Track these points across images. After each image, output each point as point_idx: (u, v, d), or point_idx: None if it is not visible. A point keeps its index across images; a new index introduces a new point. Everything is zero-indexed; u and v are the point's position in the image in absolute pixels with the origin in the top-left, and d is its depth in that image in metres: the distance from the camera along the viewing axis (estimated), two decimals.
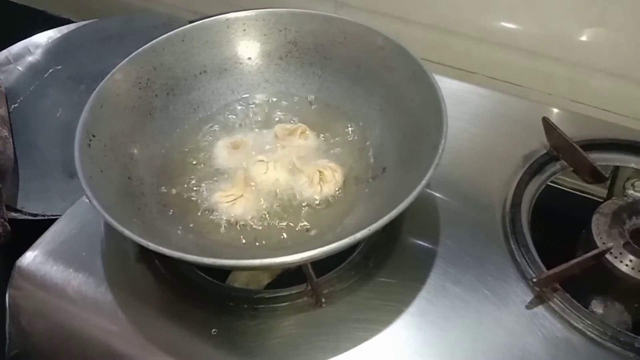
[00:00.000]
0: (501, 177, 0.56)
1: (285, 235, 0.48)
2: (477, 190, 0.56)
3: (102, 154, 0.48)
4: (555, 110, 0.63)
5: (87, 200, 0.54)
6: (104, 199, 0.42)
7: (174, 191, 0.52)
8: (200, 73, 0.58)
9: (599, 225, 0.51)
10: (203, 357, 0.45)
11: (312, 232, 0.49)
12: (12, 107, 0.78)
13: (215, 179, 0.53)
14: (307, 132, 0.55)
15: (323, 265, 0.47)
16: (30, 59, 0.85)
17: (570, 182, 0.60)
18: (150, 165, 0.52)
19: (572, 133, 0.56)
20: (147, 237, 0.39)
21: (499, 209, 0.54)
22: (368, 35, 0.55)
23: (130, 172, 0.49)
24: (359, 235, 0.38)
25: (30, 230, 0.61)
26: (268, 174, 0.51)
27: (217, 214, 0.50)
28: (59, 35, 0.88)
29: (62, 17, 1.02)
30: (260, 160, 0.52)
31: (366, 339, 0.45)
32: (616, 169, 0.59)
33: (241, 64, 0.60)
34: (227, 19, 0.58)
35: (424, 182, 0.41)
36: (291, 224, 0.49)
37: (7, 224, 0.59)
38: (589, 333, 0.45)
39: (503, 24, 0.69)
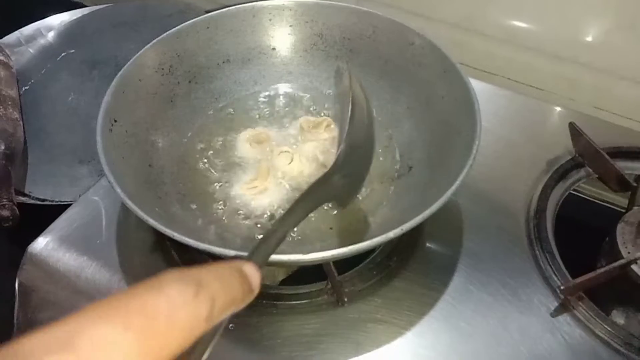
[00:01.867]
0: (525, 182, 0.56)
1: (308, 231, 0.47)
2: (500, 194, 0.55)
3: (124, 140, 0.46)
4: (580, 115, 0.62)
5: (101, 189, 0.54)
6: (126, 186, 0.41)
7: (194, 181, 0.51)
8: (224, 62, 0.57)
9: (624, 234, 0.50)
10: (220, 353, 0.43)
11: (335, 229, 0.47)
12: (23, 89, 0.76)
13: (236, 170, 0.51)
14: (332, 126, 0.54)
15: (340, 263, 0.46)
16: (42, 41, 0.83)
17: (589, 190, 0.60)
18: (171, 153, 0.51)
19: (598, 140, 0.55)
20: (171, 227, 0.38)
21: (523, 214, 0.53)
22: (398, 30, 0.54)
23: (151, 160, 0.48)
24: (391, 234, 0.37)
25: (38, 216, 0.60)
26: (292, 165, 0.50)
27: (239, 204, 0.49)
28: (72, 18, 0.87)
29: (74, 0, 1.00)
30: (285, 151, 0.51)
31: (388, 342, 0.44)
32: (638, 177, 0.58)
33: (265, 54, 0.58)
34: (254, 7, 0.56)
35: (457, 182, 0.40)
36: (314, 220, 0.48)
37: (15, 207, 0.58)
38: (613, 343, 0.44)
39: (529, 25, 0.68)
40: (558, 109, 0.64)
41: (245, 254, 0.36)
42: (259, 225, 0.48)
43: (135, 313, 0.18)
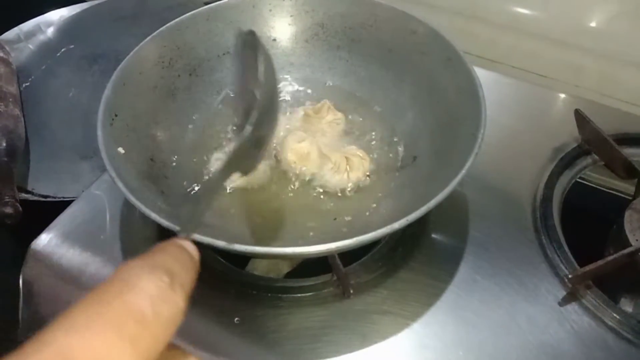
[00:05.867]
0: (531, 170, 0.55)
1: (312, 223, 0.47)
2: (506, 182, 0.54)
3: (125, 134, 0.46)
4: (586, 102, 0.61)
5: (104, 184, 0.54)
6: (128, 180, 0.41)
7: (197, 175, 0.50)
8: (224, 54, 0.56)
9: (632, 222, 0.50)
10: (226, 346, 0.43)
11: (339, 220, 0.47)
12: (24, 85, 0.76)
13: None
14: (332, 107, 0.53)
15: (345, 255, 0.45)
16: (42, 37, 0.83)
17: (596, 177, 0.59)
18: (172, 147, 0.50)
19: (604, 127, 0.55)
20: (174, 222, 0.37)
21: (529, 203, 0.52)
22: (400, 19, 0.53)
23: (153, 154, 0.48)
24: (397, 225, 0.37)
25: (40, 212, 0.60)
26: (302, 145, 0.49)
27: (242, 197, 0.49)
28: (71, 13, 0.86)
29: None
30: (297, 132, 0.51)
31: (394, 333, 0.43)
32: None
33: (266, 45, 0.57)
34: None
35: (463, 171, 0.39)
36: (317, 211, 0.48)
37: (18, 204, 0.58)
38: (622, 332, 0.44)
39: (533, 12, 0.67)
40: (563, 96, 0.63)
41: (249, 247, 0.36)
42: (259, 219, 0.47)
43: (124, 318, 0.18)
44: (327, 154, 0.50)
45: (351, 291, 0.45)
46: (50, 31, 0.84)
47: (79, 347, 0.16)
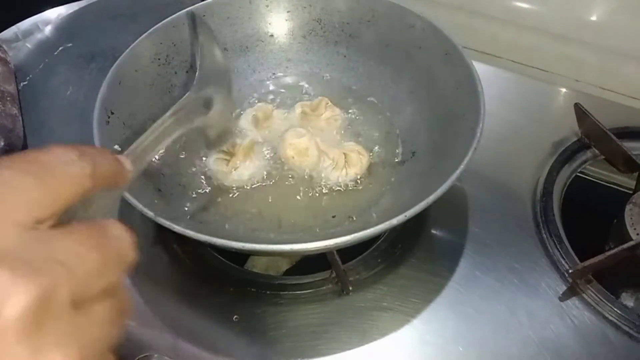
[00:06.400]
0: (531, 165, 0.55)
1: (311, 220, 0.46)
2: (505, 177, 0.54)
3: (121, 132, 0.46)
4: (586, 96, 0.61)
5: None
6: None
7: (194, 172, 0.50)
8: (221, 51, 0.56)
9: (632, 216, 0.49)
10: (225, 344, 0.43)
11: (337, 217, 0.47)
12: (21, 84, 0.75)
13: (239, 161, 0.51)
14: (330, 104, 0.53)
15: (344, 252, 0.45)
16: (39, 35, 0.83)
17: (596, 171, 0.59)
18: (169, 145, 0.50)
19: (604, 121, 0.54)
20: (171, 220, 0.37)
21: (529, 198, 0.52)
22: (397, 13, 0.53)
23: None
24: (395, 221, 0.36)
25: None
26: (301, 140, 0.49)
27: (241, 194, 0.48)
28: (69, 12, 0.86)
29: None
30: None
31: (394, 330, 0.43)
32: None
33: (263, 41, 0.57)
34: None
35: (462, 166, 0.39)
36: (315, 208, 0.47)
37: None
38: (623, 326, 0.43)
39: (532, 6, 0.67)
40: (563, 90, 0.63)
41: (248, 244, 0.36)
42: (258, 216, 0.47)
43: (31, 163, 0.20)
44: (325, 150, 0.50)
45: (350, 288, 0.45)
46: (47, 30, 0.83)
47: None
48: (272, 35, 0.58)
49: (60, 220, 0.21)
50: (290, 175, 0.50)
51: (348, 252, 0.46)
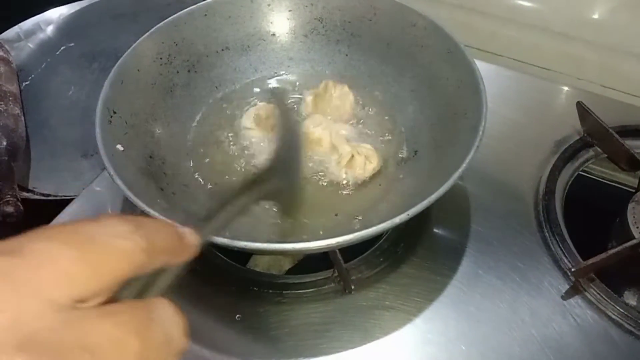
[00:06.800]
0: (533, 163, 0.55)
1: (313, 219, 0.46)
2: (507, 176, 0.54)
3: (123, 131, 0.46)
4: (588, 95, 0.61)
5: (104, 181, 0.54)
6: (126, 177, 0.41)
7: (196, 172, 0.50)
8: (223, 49, 0.56)
9: (635, 214, 0.49)
10: (227, 343, 0.43)
11: (340, 215, 0.47)
12: (24, 84, 0.76)
13: (242, 160, 0.51)
14: (336, 83, 0.53)
15: (346, 251, 0.45)
16: (41, 35, 0.83)
17: (599, 170, 0.58)
18: (171, 144, 0.50)
19: (606, 119, 0.54)
20: (174, 218, 0.37)
21: (532, 196, 0.52)
22: (399, 12, 0.53)
23: (152, 151, 0.48)
24: (397, 219, 0.36)
25: (42, 211, 0.59)
26: (316, 130, 0.49)
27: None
28: (71, 11, 0.86)
29: None
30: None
31: (396, 328, 0.43)
32: None
33: (264, 40, 0.57)
34: None
35: (464, 165, 0.39)
36: (318, 206, 0.47)
37: (19, 203, 0.58)
38: (626, 325, 0.43)
39: (533, 4, 0.67)
40: (565, 88, 0.63)
41: (251, 243, 0.36)
42: (260, 213, 0.47)
43: (75, 234, 0.18)
44: (337, 144, 0.50)
45: (352, 287, 0.45)
46: (49, 29, 0.84)
47: (28, 243, 0.18)
48: (273, 34, 0.58)
49: (120, 297, 0.19)
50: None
51: (350, 251, 0.46)
